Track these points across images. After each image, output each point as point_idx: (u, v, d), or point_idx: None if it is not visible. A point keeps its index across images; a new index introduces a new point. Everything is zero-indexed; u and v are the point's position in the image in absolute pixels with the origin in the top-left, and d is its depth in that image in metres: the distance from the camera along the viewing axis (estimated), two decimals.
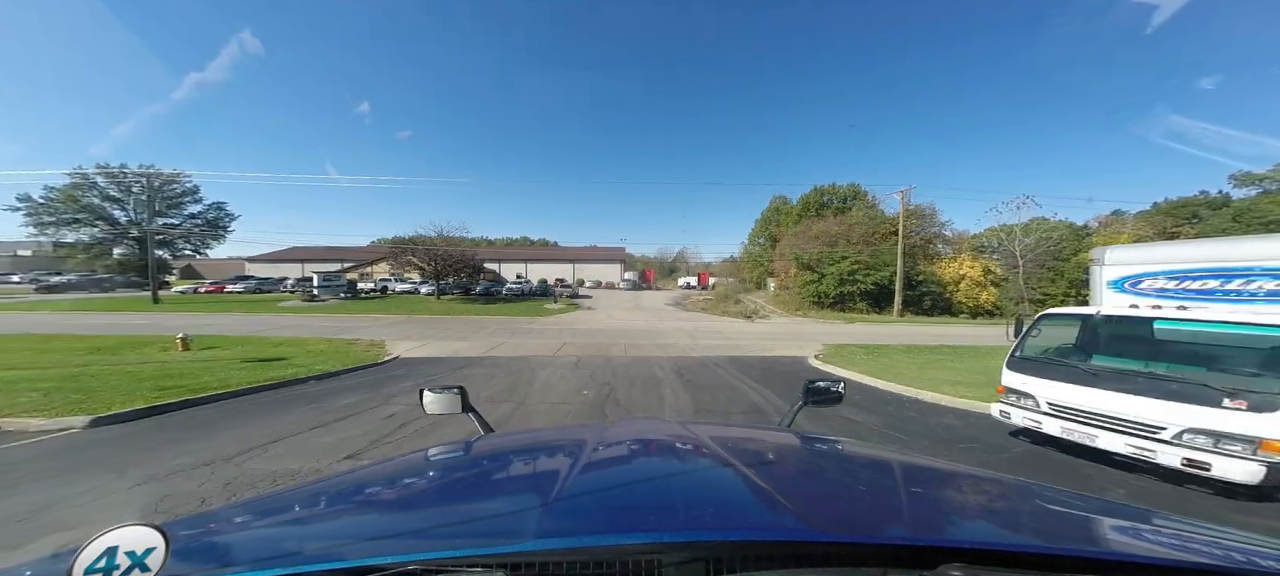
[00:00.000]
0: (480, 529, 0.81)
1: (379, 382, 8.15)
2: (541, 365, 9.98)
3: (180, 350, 10.84)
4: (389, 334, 14.85)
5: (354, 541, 0.82)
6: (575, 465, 1.07)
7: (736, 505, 0.91)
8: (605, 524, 0.79)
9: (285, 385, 7.66)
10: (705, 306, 29.69)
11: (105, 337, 12.40)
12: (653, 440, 1.36)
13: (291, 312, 23.28)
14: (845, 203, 38.02)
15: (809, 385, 1.85)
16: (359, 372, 8.98)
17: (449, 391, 1.73)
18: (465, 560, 0.62)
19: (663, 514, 0.84)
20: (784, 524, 0.77)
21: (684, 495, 0.97)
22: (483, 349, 12.35)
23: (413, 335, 14.85)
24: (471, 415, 1.74)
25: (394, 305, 27.23)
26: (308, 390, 7.46)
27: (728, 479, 1.05)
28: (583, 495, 0.91)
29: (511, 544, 0.68)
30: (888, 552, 0.69)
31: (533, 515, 0.82)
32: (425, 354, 11.46)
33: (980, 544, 0.74)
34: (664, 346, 13.25)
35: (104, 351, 10.28)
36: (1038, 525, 0.93)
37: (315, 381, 8.07)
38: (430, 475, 1.24)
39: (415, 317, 21.34)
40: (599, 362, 10.38)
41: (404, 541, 0.76)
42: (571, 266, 64.41)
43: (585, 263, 66.87)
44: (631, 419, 2.67)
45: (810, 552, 0.67)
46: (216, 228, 47.56)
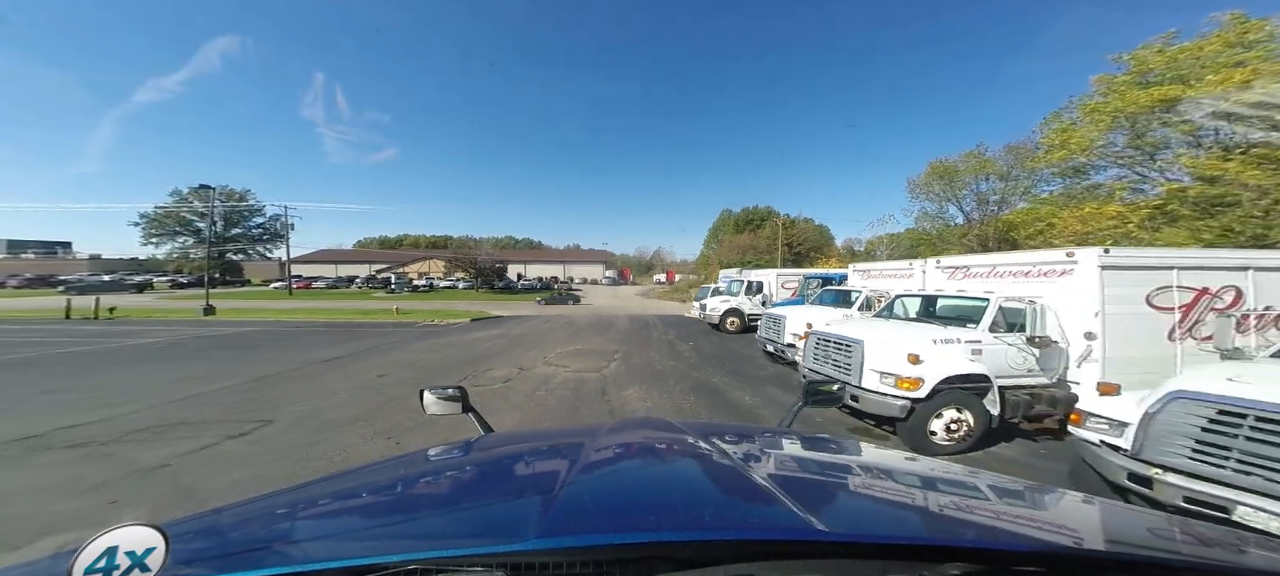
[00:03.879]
0: (480, 528, 0.84)
1: (510, 321, 21.82)
2: (573, 316, 23.85)
3: (397, 313, 24.26)
4: (479, 309, 28.34)
5: (354, 541, 0.84)
6: (575, 464, 1.09)
7: (736, 504, 0.93)
8: (605, 523, 0.80)
9: (481, 320, 21.29)
10: (661, 296, 43.70)
11: (361, 311, 25.69)
12: (652, 440, 1.39)
13: (390, 298, 36.13)
14: (763, 221, 52.89)
15: (808, 385, 1.88)
16: (494, 320, 22.57)
17: (449, 392, 1.73)
18: (465, 560, 0.64)
19: (662, 513, 0.85)
20: (783, 523, 0.77)
21: (683, 494, 0.99)
22: (533, 313, 26.07)
23: (493, 309, 28.38)
24: (471, 415, 1.75)
25: (449, 295, 40.25)
26: (494, 321, 21.16)
27: (727, 478, 1.06)
28: (582, 494, 0.93)
29: (511, 543, 0.70)
30: (887, 551, 0.69)
31: (533, 514, 0.82)
32: (510, 314, 24.98)
33: (981, 543, 0.76)
34: (626, 312, 27.32)
35: (381, 313, 23.65)
36: (1037, 525, 0.94)
37: (488, 320, 21.71)
38: (430, 475, 1.27)
39: (478, 301, 34.69)
40: (596, 315, 24.36)
41: (404, 541, 0.77)
42: (562, 266, 77.62)
43: (572, 262, 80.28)
44: (631, 419, 2.85)
45: (810, 552, 0.68)
46: (276, 235, 59.38)
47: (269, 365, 9.78)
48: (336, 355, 11.09)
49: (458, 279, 48.30)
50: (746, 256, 43.73)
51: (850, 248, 51.14)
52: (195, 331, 15.85)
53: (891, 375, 4.92)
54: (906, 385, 4.81)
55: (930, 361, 4.90)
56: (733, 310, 16.63)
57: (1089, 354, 5.16)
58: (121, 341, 13.09)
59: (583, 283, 69.17)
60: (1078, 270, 5.28)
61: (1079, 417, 3.61)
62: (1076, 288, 5.28)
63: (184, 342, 13.12)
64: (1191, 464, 2.86)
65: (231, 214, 52.68)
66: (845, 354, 5.51)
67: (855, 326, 6.05)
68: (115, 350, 11.67)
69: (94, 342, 12.86)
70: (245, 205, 54.12)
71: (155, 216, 50.52)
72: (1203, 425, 2.84)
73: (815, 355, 6.19)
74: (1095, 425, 3.46)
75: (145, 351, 11.57)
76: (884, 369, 5.01)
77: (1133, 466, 3.14)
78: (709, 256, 65.65)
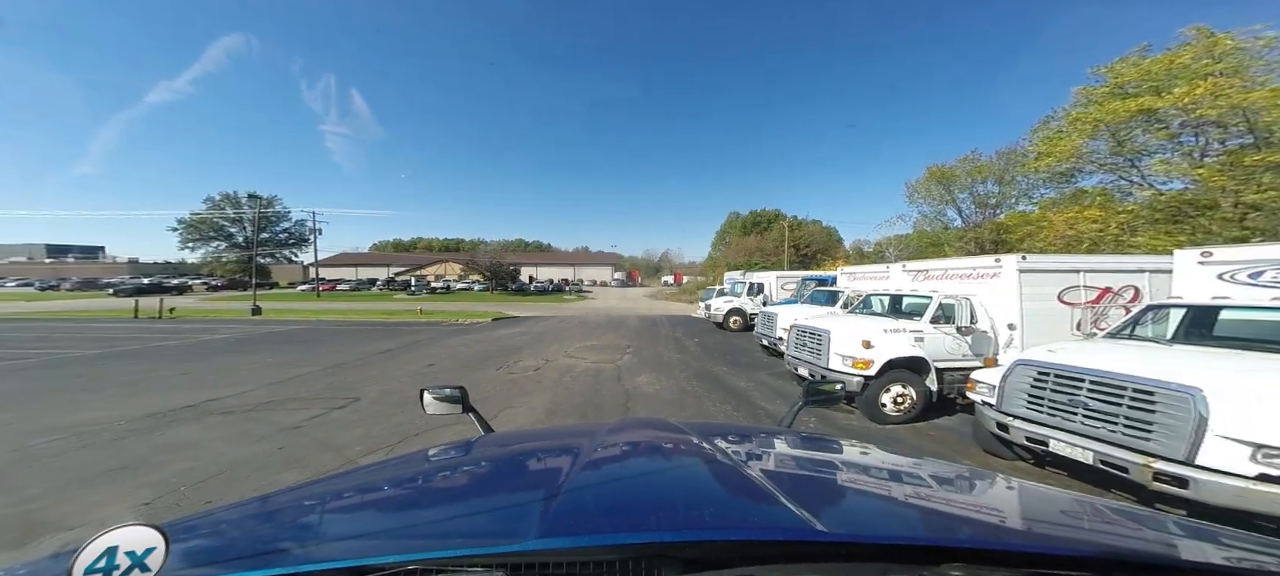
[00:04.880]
0: (480, 528, 0.84)
1: (529, 321, 23.35)
2: (586, 316, 25.32)
3: (421, 314, 25.94)
4: (496, 310, 29.97)
5: (354, 541, 0.84)
6: (575, 464, 1.09)
7: (736, 504, 0.93)
8: (606, 523, 0.80)
9: (502, 320, 22.86)
10: (669, 298, 45.03)
11: (388, 311, 27.47)
12: (653, 440, 1.40)
13: (412, 300, 37.99)
14: (770, 223, 54.02)
15: (809, 385, 1.88)
16: (512, 320, 24.10)
17: (450, 392, 1.73)
18: (465, 560, 0.64)
19: (663, 513, 0.86)
20: (784, 523, 0.77)
21: (684, 494, 0.99)
22: (552, 314, 27.53)
23: (510, 310, 29.98)
24: (472, 415, 1.76)
25: (466, 297, 42.04)
26: (513, 321, 22.72)
27: (728, 478, 1.07)
28: (583, 494, 0.93)
29: (512, 543, 0.70)
30: (888, 552, 0.69)
31: (533, 514, 0.82)
32: (528, 315, 26.50)
33: (981, 543, 0.76)
34: (636, 312, 28.72)
35: (407, 313, 25.39)
36: (1038, 525, 0.95)
37: (508, 320, 23.27)
38: (430, 475, 1.27)
39: (494, 303, 36.35)
40: (607, 315, 25.81)
41: (404, 541, 0.77)
42: (572, 269, 79.17)
43: (582, 265, 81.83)
44: (632, 419, 2.78)
45: (810, 552, 0.68)
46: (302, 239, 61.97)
47: (335, 355, 11.41)
48: (388, 348, 12.71)
49: (473, 281, 50.23)
50: (753, 258, 44.84)
51: (859, 249, 51.60)
52: (252, 328, 17.68)
53: (850, 357, 6.28)
54: (861, 365, 6.16)
55: (880, 346, 6.25)
56: (735, 309, 17.98)
57: (1011, 341, 6.46)
58: (197, 337, 14.90)
59: (592, 285, 70.77)
60: (1002, 273, 6.59)
61: (973, 385, 4.94)
62: (1001, 287, 6.59)
63: (251, 337, 14.90)
64: (1027, 411, 3.92)
65: (262, 219, 55.50)
66: (816, 342, 6.88)
67: (826, 319, 7.40)
68: (196, 345, 13.43)
69: (175, 338, 14.68)
70: (273, 210, 56.86)
71: (192, 222, 53.37)
72: (1031, 383, 3.93)
73: (795, 343, 7.57)
74: (981, 390, 4.72)
75: (223, 345, 13.31)
76: (845, 353, 6.38)
77: (998, 417, 4.40)
78: (717, 258, 66.55)
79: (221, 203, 54.18)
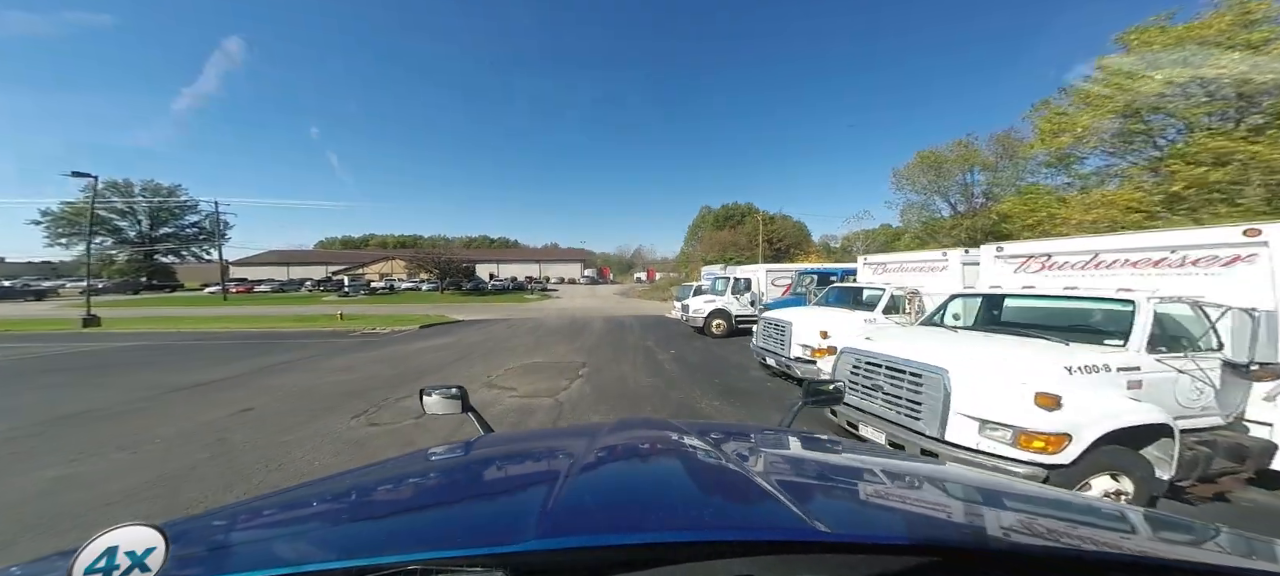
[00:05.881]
0: (480, 529, 0.83)
1: (469, 327, 19.36)
2: (543, 318, 21.52)
3: (340, 320, 21.44)
4: (439, 313, 25.65)
5: (354, 541, 0.83)
6: (575, 464, 1.07)
7: (736, 504, 0.93)
8: (605, 523, 0.80)
9: (436, 325, 18.76)
10: (642, 295, 41.68)
11: (300, 317, 22.65)
12: (653, 440, 1.39)
13: (341, 303, 32.63)
14: (743, 217, 51.52)
15: (809, 385, 1.86)
16: (449, 326, 20.03)
17: (450, 392, 1.72)
18: (465, 560, 0.64)
19: (663, 513, 0.86)
20: (784, 523, 0.76)
21: (684, 494, 0.99)
22: (503, 316, 23.59)
23: (454, 313, 25.72)
24: (471, 415, 1.75)
25: (412, 298, 37.21)
26: (449, 327, 18.65)
27: (728, 478, 1.07)
28: (583, 494, 0.92)
29: (511, 544, 0.69)
30: (888, 551, 0.69)
31: (533, 514, 0.81)
32: (476, 319, 22.49)
33: (981, 544, 0.76)
34: (603, 313, 25.12)
35: (324, 319, 20.77)
36: (1038, 525, 0.94)
37: (443, 326, 19.18)
38: (430, 475, 1.27)
39: (441, 305, 31.85)
40: (569, 317, 22.10)
41: (404, 541, 0.76)
42: (538, 265, 74.85)
43: (550, 262, 77.54)
44: (631, 419, 2.17)
45: (810, 552, 0.68)
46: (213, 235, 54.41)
47: (98, 396, 7.25)
48: (212, 379, 8.56)
49: (421, 280, 45.10)
50: (727, 253, 42.18)
51: (826, 244, 50.55)
52: (49, 348, 12.86)
53: (1010, 427, 2.98)
54: (1044, 445, 2.88)
55: (1074, 404, 2.98)
56: (718, 311, 14.71)
57: None
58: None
59: (559, 282, 66.63)
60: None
61: None
62: None
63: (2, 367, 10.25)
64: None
65: (160, 211, 47.60)
66: (918, 389, 3.53)
67: (925, 345, 4.02)
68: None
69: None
70: (175, 202, 49.06)
71: (62, 214, 44.66)
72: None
73: (852, 377, 4.19)
74: None
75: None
76: (999, 418, 3.06)
77: None
78: (690, 254, 64.20)
79: (105, 191, 46.15)
